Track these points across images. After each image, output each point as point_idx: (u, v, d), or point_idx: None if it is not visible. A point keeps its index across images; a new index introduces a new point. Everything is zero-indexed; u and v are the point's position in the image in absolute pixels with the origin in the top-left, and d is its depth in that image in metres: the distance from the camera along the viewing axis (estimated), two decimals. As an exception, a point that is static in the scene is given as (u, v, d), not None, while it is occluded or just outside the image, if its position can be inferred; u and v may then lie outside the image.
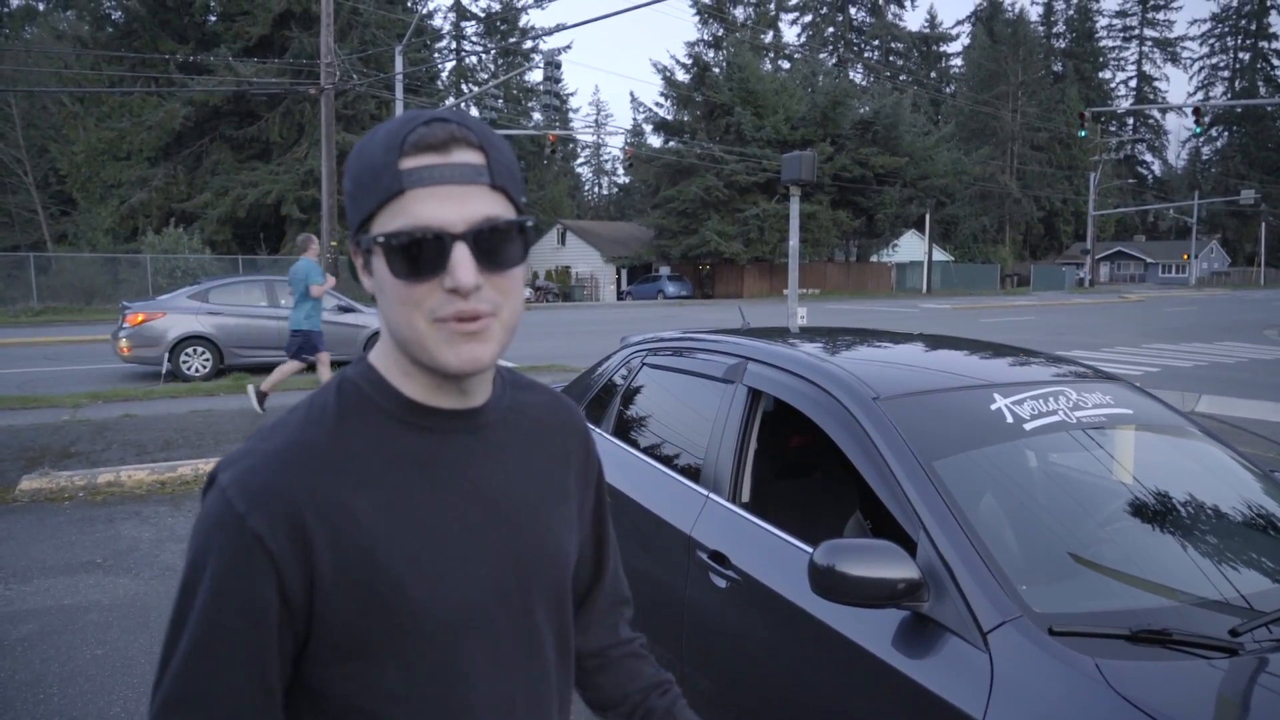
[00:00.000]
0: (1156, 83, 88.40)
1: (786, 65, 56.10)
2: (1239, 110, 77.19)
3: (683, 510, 2.75)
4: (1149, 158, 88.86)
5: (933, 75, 76.92)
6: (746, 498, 2.66)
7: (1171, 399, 8.99)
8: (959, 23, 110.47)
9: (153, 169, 35.00)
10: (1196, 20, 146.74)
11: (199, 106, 34.94)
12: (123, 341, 12.22)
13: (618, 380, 3.57)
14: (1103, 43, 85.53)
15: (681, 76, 46.61)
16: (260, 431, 0.91)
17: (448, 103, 41.50)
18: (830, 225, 44.46)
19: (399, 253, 0.84)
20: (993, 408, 2.33)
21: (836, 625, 2.03)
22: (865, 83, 67.72)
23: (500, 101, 47.18)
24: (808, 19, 72.91)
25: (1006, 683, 1.66)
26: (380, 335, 0.96)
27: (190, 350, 12.38)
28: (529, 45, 49.08)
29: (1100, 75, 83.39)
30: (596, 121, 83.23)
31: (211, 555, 0.84)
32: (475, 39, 51.60)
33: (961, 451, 2.20)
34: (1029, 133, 66.64)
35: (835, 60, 70.50)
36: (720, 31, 53.46)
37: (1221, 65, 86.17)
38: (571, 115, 68.18)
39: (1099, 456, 2.37)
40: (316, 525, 0.84)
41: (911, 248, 54.67)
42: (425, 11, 41.80)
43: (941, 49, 77.92)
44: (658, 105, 48.39)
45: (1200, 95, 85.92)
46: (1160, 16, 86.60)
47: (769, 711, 2.20)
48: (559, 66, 65.27)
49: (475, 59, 50.48)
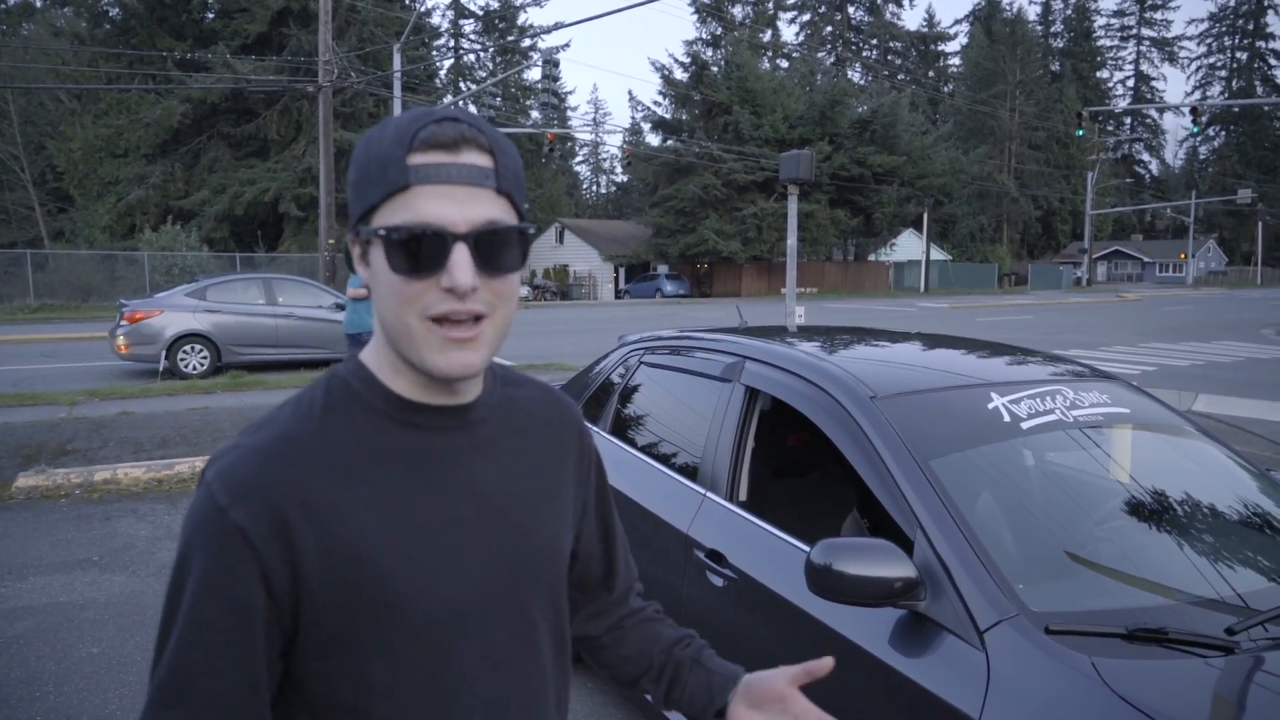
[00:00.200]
0: (1154, 82, 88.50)
1: (785, 64, 56.06)
2: (1236, 110, 77.29)
3: (680, 509, 2.75)
4: (1146, 157, 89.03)
5: (931, 74, 76.94)
6: (744, 496, 2.67)
7: (1168, 398, 9.00)
8: (957, 22, 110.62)
9: (150, 166, 34.93)
10: (1194, 20, 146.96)
11: (196, 104, 34.88)
12: (120, 339, 12.22)
13: (615, 379, 3.57)
14: (1100, 42, 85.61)
15: (680, 75, 46.58)
16: (249, 427, 0.91)
17: (446, 100, 41.48)
18: (828, 224, 44.45)
19: (399, 247, 0.84)
20: (990, 407, 2.33)
21: (833, 624, 2.04)
22: (863, 82, 67.76)
23: (499, 100, 47.11)
24: (806, 18, 72.89)
25: (1003, 681, 1.66)
26: (374, 333, 0.96)
27: (188, 348, 12.38)
28: (527, 43, 49.02)
29: (1098, 75, 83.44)
30: (595, 120, 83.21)
31: (196, 549, 0.84)
32: (473, 37, 51.54)
33: (958, 450, 2.20)
34: (1027, 132, 66.66)
35: (833, 59, 70.49)
36: (719, 30, 53.43)
37: (1219, 65, 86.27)
38: (570, 114, 68.19)
39: (1096, 455, 2.38)
40: (300, 519, 0.84)
41: (909, 247, 54.69)
42: (423, 9, 41.75)
43: (939, 48, 77.93)
44: (656, 104, 48.37)
45: (1197, 95, 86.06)
46: (1158, 16, 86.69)
47: (766, 710, 2.20)
48: (557, 65, 65.40)
49: (473, 57, 50.41)
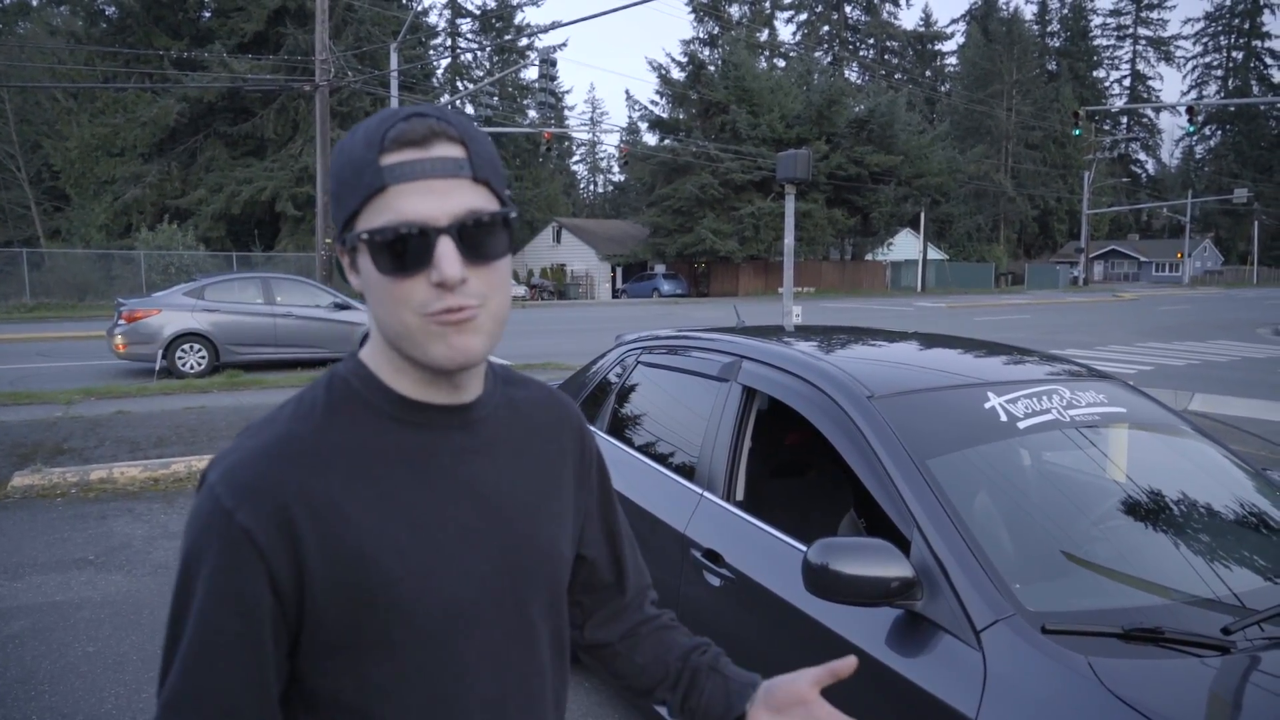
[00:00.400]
0: (1150, 81, 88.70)
1: (782, 64, 56.10)
2: (1232, 109, 77.41)
3: (677, 509, 2.75)
4: (1143, 156, 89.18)
5: (928, 74, 77.00)
6: (741, 496, 2.66)
7: (1165, 397, 9.02)
8: (954, 21, 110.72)
9: (146, 165, 34.88)
10: (1190, 19, 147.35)
11: (193, 103, 34.84)
12: (118, 338, 12.21)
13: (612, 378, 3.57)
14: (1097, 41, 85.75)
15: (677, 74, 46.57)
16: (249, 428, 0.90)
17: (443, 100, 41.43)
18: (825, 224, 44.48)
19: (384, 249, 0.84)
20: (986, 406, 2.33)
21: (830, 624, 2.04)
22: (860, 81, 67.82)
23: (495, 99, 47.06)
24: (803, 17, 72.90)
25: (999, 681, 1.66)
26: (370, 333, 0.95)
27: (186, 347, 12.37)
28: (524, 43, 48.93)
29: (1094, 74, 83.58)
30: (592, 119, 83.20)
31: (202, 553, 0.84)
32: (470, 36, 51.51)
33: (955, 450, 2.20)
34: (1023, 131, 66.74)
35: (830, 59, 70.53)
36: (716, 30, 53.47)
37: (1215, 64, 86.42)
38: (567, 113, 68.14)
39: (1092, 455, 2.38)
40: (305, 520, 0.84)
41: (906, 246, 54.73)
42: (420, 8, 41.68)
43: (936, 48, 78.01)
44: (653, 103, 48.29)
45: (1194, 94, 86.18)
46: (1154, 15, 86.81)
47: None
48: (554, 64, 65.34)
49: (470, 56, 50.37)
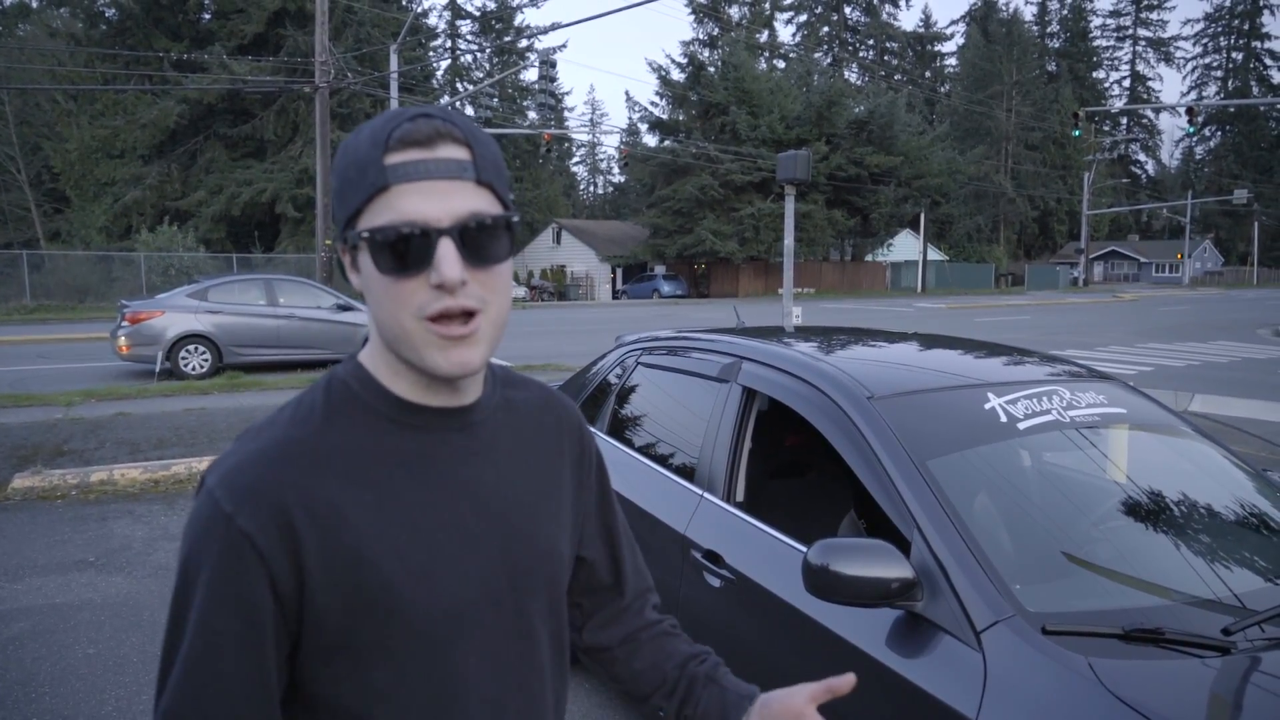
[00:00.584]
0: (1150, 82, 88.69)
1: (782, 65, 56.12)
2: (1232, 110, 77.41)
3: (677, 510, 2.75)
4: (1143, 157, 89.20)
5: (927, 75, 77.00)
6: (741, 497, 2.66)
7: (1165, 398, 9.01)
8: (953, 22, 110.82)
9: (146, 167, 34.88)
10: (1190, 20, 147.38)
11: (193, 104, 34.82)
12: (121, 340, 12.24)
13: (612, 379, 3.57)
14: (1096, 42, 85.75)
15: (677, 76, 46.57)
16: (248, 431, 0.90)
17: (443, 101, 41.43)
18: (825, 224, 44.49)
19: (384, 248, 0.83)
20: (987, 407, 2.33)
21: (830, 625, 2.04)
22: (860, 82, 67.83)
23: (495, 100, 47.07)
24: (803, 18, 72.94)
25: (1000, 682, 1.66)
26: (370, 335, 0.95)
27: (189, 349, 12.40)
28: (524, 44, 48.98)
29: (1094, 75, 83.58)
30: (592, 120, 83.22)
31: (202, 557, 0.83)
32: (470, 38, 51.52)
33: (955, 451, 2.20)
34: (1023, 132, 66.74)
35: (830, 60, 70.55)
36: (715, 31, 53.50)
37: (1214, 65, 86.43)
38: (567, 114, 68.16)
39: (1093, 456, 2.38)
40: (305, 523, 0.84)
41: (906, 247, 54.73)
42: (420, 10, 41.73)
43: (936, 48, 78.01)
44: (653, 104, 48.37)
45: (1193, 95, 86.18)
46: (1154, 16, 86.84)
47: (763, 711, 2.20)
48: (554, 65, 65.43)
49: (470, 58, 50.38)
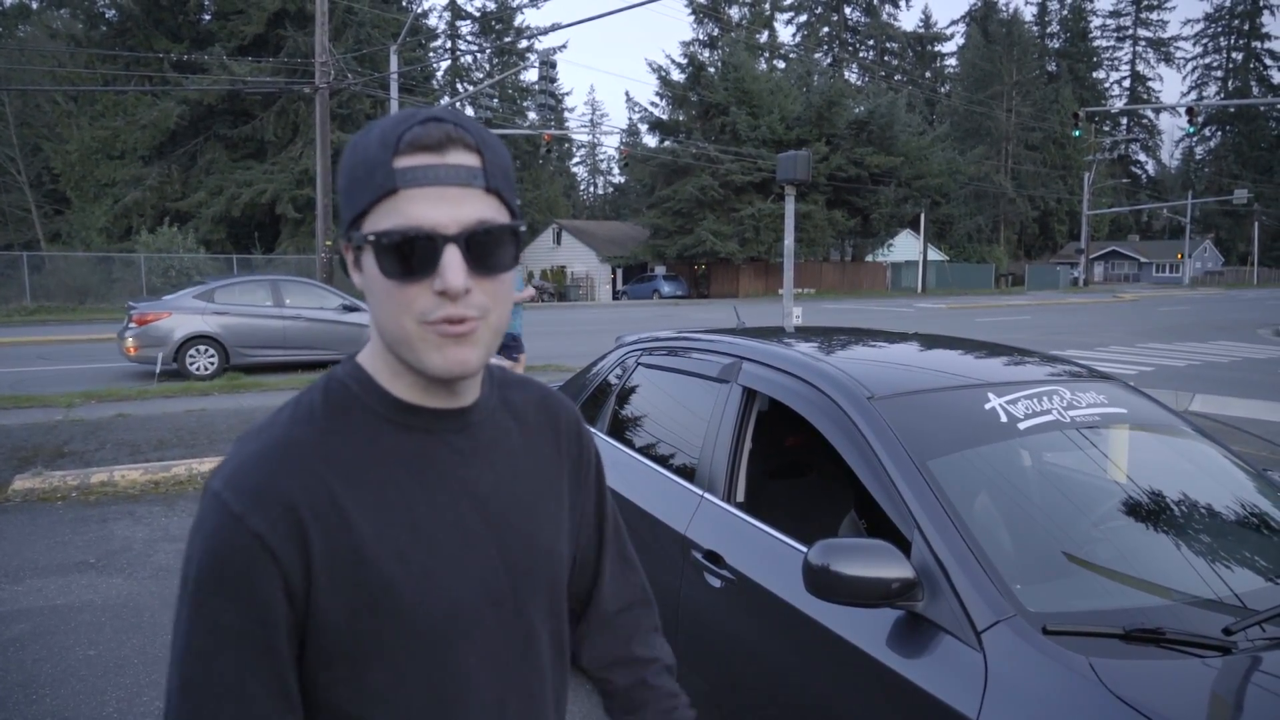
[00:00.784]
0: (1150, 83, 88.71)
1: (782, 65, 56.13)
2: (1232, 110, 77.41)
3: (678, 510, 2.75)
4: (1143, 157, 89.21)
5: (927, 75, 77.00)
6: (741, 497, 2.66)
7: (1165, 398, 9.01)
8: (954, 23, 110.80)
9: (147, 168, 34.88)
10: (1190, 20, 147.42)
11: (193, 105, 34.82)
12: (129, 341, 12.27)
13: (612, 380, 3.57)
14: (1096, 43, 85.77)
15: (677, 76, 46.59)
16: (246, 434, 0.90)
17: (443, 102, 41.44)
18: (825, 225, 44.50)
19: (390, 252, 0.83)
20: (987, 407, 2.33)
21: (831, 625, 2.03)
22: (860, 82, 67.85)
23: (495, 101, 47.07)
24: (803, 19, 72.97)
25: (1000, 682, 1.66)
26: (370, 335, 0.94)
27: (196, 349, 12.44)
28: (524, 45, 48.97)
29: (1094, 75, 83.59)
30: (592, 121, 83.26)
31: (212, 560, 0.82)
32: (470, 38, 51.54)
33: (956, 451, 2.20)
34: (1023, 132, 66.75)
35: (830, 60, 70.56)
36: (715, 31, 53.50)
37: (1214, 65, 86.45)
38: (567, 115, 68.16)
39: (1093, 456, 2.38)
40: (311, 521, 0.83)
41: (906, 247, 54.74)
42: (420, 11, 41.76)
43: (936, 49, 78.01)
44: (653, 105, 48.43)
45: (1193, 95, 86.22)
46: (1154, 17, 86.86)
47: (764, 711, 2.20)
48: (554, 66, 65.44)
49: (470, 58, 50.38)
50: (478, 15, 50.09)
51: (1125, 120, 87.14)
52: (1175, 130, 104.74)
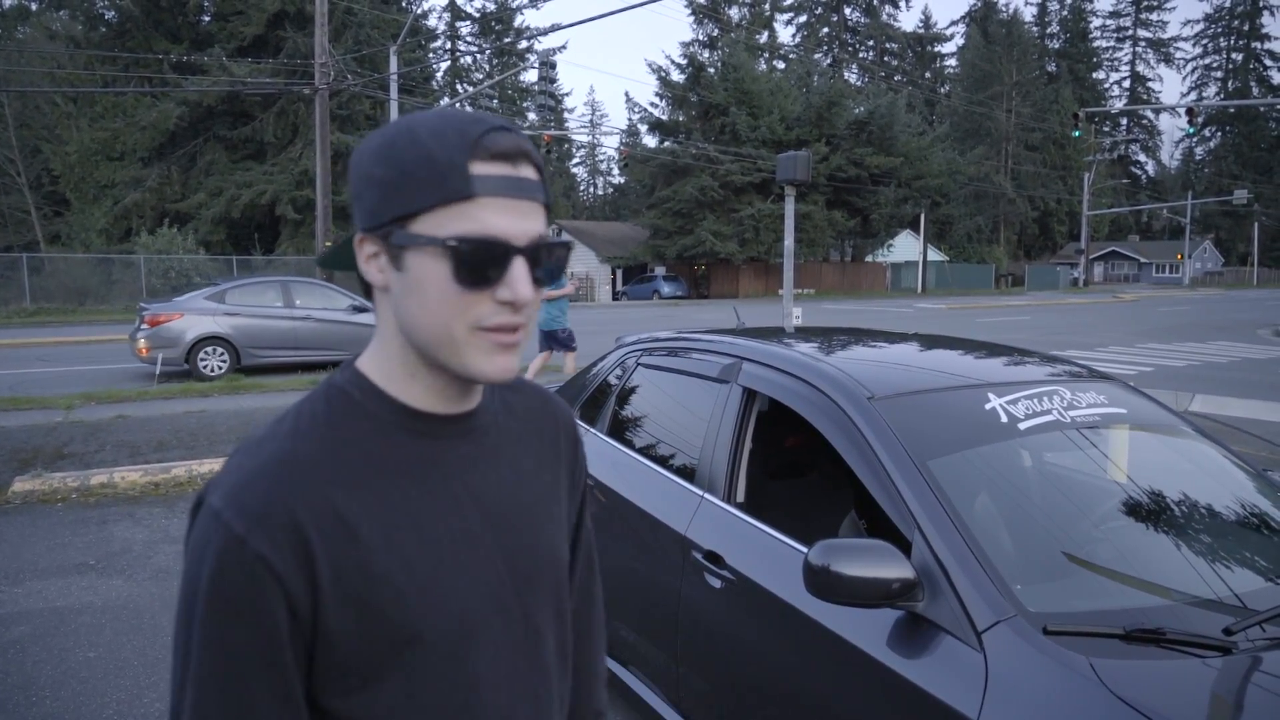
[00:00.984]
0: (1150, 83, 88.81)
1: (781, 65, 56.14)
2: (1232, 110, 77.45)
3: (678, 510, 2.75)
4: (1143, 158, 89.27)
5: (927, 75, 77.03)
6: (741, 498, 2.66)
7: (1165, 398, 9.01)
8: (953, 23, 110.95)
9: (146, 169, 34.90)
10: (1190, 21, 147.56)
11: (193, 106, 34.84)
12: (141, 342, 12.31)
13: (612, 380, 3.57)
14: (1096, 43, 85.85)
15: (676, 77, 46.60)
16: (245, 445, 0.87)
17: (443, 103, 41.44)
18: (825, 225, 44.51)
19: (463, 258, 0.83)
20: (987, 407, 2.33)
21: (831, 625, 2.03)
22: (860, 83, 67.89)
23: (495, 102, 47.10)
24: (802, 19, 73.01)
25: (1001, 682, 1.66)
26: (375, 338, 0.92)
27: (208, 350, 12.47)
28: (524, 45, 48.98)
29: (1094, 76, 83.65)
30: (591, 121, 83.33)
31: (213, 582, 0.79)
32: (470, 39, 51.55)
33: (956, 451, 2.20)
34: (1023, 133, 66.76)
35: (830, 61, 70.59)
36: (715, 32, 53.53)
37: (1214, 66, 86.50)
38: (566, 115, 68.23)
39: (1093, 456, 2.38)
40: (317, 539, 0.82)
41: (906, 248, 54.75)
42: (420, 11, 41.78)
43: (936, 49, 78.05)
44: (653, 105, 48.40)
45: (1193, 95, 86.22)
46: (1153, 17, 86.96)
47: (764, 711, 2.20)
48: (554, 66, 65.51)
49: (470, 59, 50.40)
50: (477, 16, 50.12)
51: (1125, 121, 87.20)
52: (1175, 131, 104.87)
